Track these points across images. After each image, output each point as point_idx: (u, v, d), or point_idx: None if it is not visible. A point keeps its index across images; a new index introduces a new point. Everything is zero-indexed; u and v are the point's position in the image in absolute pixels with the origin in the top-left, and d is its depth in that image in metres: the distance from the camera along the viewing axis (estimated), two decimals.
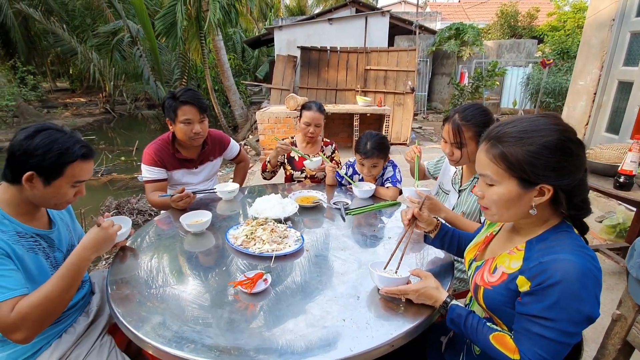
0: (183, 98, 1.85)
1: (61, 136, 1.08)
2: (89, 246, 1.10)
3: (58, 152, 1.05)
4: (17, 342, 0.98)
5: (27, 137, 1.04)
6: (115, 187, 5.63)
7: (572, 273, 0.77)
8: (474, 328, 0.93)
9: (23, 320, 0.96)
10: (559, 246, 0.83)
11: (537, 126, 0.84)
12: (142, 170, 1.96)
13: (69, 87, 18.48)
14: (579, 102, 4.11)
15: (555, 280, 0.78)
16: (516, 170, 0.84)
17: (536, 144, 0.82)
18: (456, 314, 0.97)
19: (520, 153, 0.83)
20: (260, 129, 6.25)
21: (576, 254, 0.80)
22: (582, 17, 12.08)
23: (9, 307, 0.95)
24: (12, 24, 12.03)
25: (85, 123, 11.56)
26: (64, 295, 1.04)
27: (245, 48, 16.54)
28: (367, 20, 8.50)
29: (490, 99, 9.84)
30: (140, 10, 8.90)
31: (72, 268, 1.06)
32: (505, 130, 0.87)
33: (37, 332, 1.01)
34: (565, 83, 7.94)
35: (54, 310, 1.03)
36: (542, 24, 13.94)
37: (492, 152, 0.87)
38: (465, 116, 1.48)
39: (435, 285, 1.03)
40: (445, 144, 1.56)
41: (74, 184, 1.12)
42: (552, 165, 0.81)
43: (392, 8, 11.91)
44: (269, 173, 2.44)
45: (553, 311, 0.78)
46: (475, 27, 9.85)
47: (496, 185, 0.89)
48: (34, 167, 1.04)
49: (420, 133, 8.41)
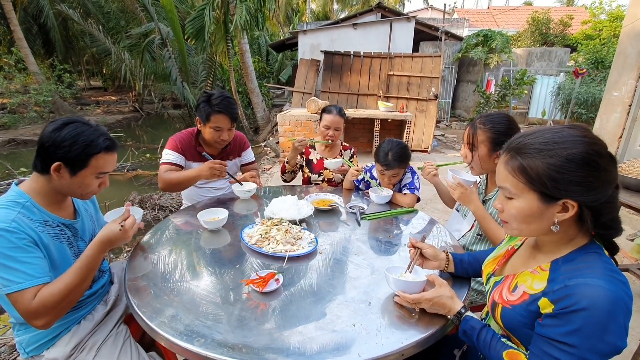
0: (218, 107, 1.87)
1: (87, 129, 1.13)
2: (105, 241, 1.13)
3: (83, 144, 1.10)
4: (38, 327, 1.03)
5: (55, 130, 1.10)
6: (140, 183, 5.81)
7: (601, 301, 0.72)
8: (487, 343, 0.89)
9: (44, 308, 1.01)
10: (588, 269, 0.78)
11: (561, 138, 0.79)
12: (163, 154, 2.01)
13: (101, 85, 19.36)
14: (613, 113, 3.93)
15: (581, 307, 0.73)
16: (536, 184, 0.80)
17: (558, 157, 0.77)
18: (469, 326, 0.94)
19: (541, 166, 0.78)
20: (280, 131, 6.31)
21: (607, 280, 0.74)
22: (618, 25, 11.59)
23: (32, 294, 1.00)
24: (52, 24, 12.77)
25: (114, 120, 12.06)
26: (81, 285, 1.09)
27: (269, 51, 16.83)
28: (391, 25, 8.46)
29: (517, 108, 9.57)
30: (171, 13, 9.23)
31: (90, 260, 1.10)
32: (526, 142, 0.83)
33: (56, 319, 1.06)
34: (598, 94, 7.62)
35: (72, 299, 1.08)
36: (575, 32, 13.45)
37: (511, 164, 0.84)
38: (485, 120, 1.46)
39: (450, 295, 1.01)
40: (463, 145, 1.56)
41: (97, 174, 1.17)
42: (577, 180, 0.76)
43: (418, 14, 11.81)
44: (289, 174, 2.45)
45: (575, 337, 0.73)
46: (504, 34, 9.61)
47: (515, 199, 0.85)
48: (61, 157, 1.09)
49: (443, 141, 8.26)
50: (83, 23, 10.70)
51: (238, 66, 10.43)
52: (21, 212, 1.07)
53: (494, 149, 1.42)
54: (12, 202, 1.08)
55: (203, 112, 1.90)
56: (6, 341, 2.09)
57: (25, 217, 1.07)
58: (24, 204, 1.10)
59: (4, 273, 0.99)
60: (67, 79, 11.52)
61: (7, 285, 0.99)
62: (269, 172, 5.82)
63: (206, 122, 1.91)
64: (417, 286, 1.06)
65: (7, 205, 1.07)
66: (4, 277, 0.99)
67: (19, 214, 1.06)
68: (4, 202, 1.08)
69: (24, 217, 1.07)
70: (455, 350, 1.18)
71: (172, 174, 1.92)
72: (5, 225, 1.01)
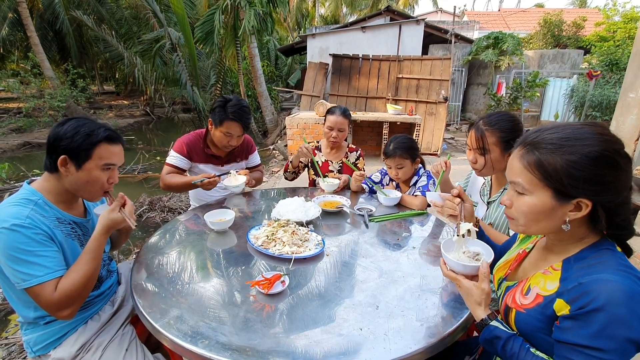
0: (232, 116, 1.90)
1: (87, 122, 1.16)
2: (109, 228, 1.17)
3: (84, 134, 1.12)
4: (63, 318, 1.07)
5: (59, 125, 1.15)
6: (150, 185, 5.87)
7: (618, 296, 0.69)
8: (515, 353, 0.82)
9: (68, 298, 1.04)
10: (601, 265, 0.75)
11: (581, 134, 0.76)
12: (168, 155, 2.06)
13: (114, 90, 19.73)
14: (629, 115, 3.83)
15: (599, 305, 0.70)
16: (552, 181, 0.77)
17: (578, 154, 0.74)
18: (493, 336, 0.87)
19: (559, 162, 0.75)
20: (289, 134, 6.32)
21: (621, 275, 0.72)
22: (633, 27, 11.35)
23: (53, 287, 1.03)
24: (67, 30, 13.08)
25: (126, 124, 12.25)
26: (95, 273, 1.13)
27: (278, 56, 16.93)
28: (400, 28, 8.43)
29: (529, 110, 9.41)
30: (182, 19, 9.37)
31: (99, 247, 1.14)
32: (545, 137, 0.80)
33: (78, 308, 1.10)
34: (613, 96, 7.45)
35: (90, 287, 1.12)
36: (589, 34, 13.21)
37: (527, 159, 0.81)
38: (490, 122, 1.42)
39: (479, 300, 0.92)
40: (469, 151, 1.50)
41: (103, 166, 1.17)
42: (595, 178, 0.74)
43: (427, 17, 11.75)
44: (290, 173, 2.44)
45: (600, 340, 0.69)
46: (515, 36, 9.48)
47: (527, 195, 0.82)
48: (65, 149, 1.11)
49: (452, 144, 8.16)
50: (97, 29, 10.95)
51: (247, 70, 10.50)
52: (34, 209, 1.09)
53: (505, 149, 1.39)
54: (25, 199, 1.10)
55: (217, 116, 1.93)
56: (16, 340, 2.11)
57: (38, 214, 1.09)
58: (36, 201, 1.12)
59: (23, 267, 1.01)
60: (81, 84, 11.76)
61: (26, 279, 1.01)
62: (277, 175, 5.82)
63: (219, 125, 1.94)
64: (466, 269, 0.99)
65: (19, 202, 1.09)
66: (23, 272, 1.01)
67: (32, 210, 1.08)
68: (16, 200, 1.10)
69: (37, 214, 1.09)
70: (467, 357, 1.14)
71: (173, 178, 1.98)
72: (20, 222, 1.03)
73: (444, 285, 1.19)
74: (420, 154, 2.05)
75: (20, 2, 9.64)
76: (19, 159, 7.69)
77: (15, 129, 9.96)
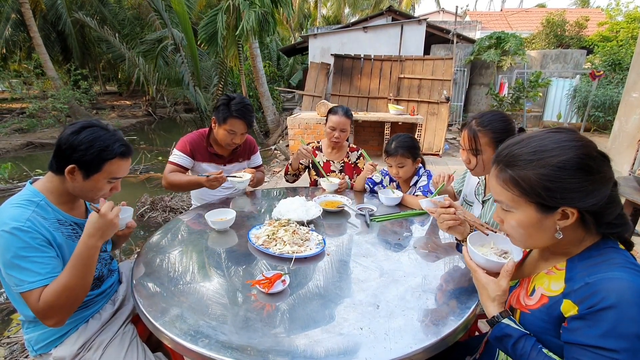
0: (236, 113, 1.91)
1: (104, 134, 1.14)
2: (92, 233, 1.08)
3: (99, 149, 1.11)
4: (51, 326, 1.04)
5: (73, 133, 1.11)
6: (152, 185, 5.89)
7: (628, 294, 0.68)
8: (526, 353, 0.80)
9: (50, 308, 1.01)
10: (606, 264, 0.74)
11: (549, 145, 0.76)
12: (172, 153, 2.07)
13: (117, 90, 19.81)
14: (632, 115, 3.81)
15: (609, 303, 0.68)
16: (532, 196, 0.77)
17: (548, 166, 0.74)
18: (504, 334, 0.85)
19: (532, 177, 0.75)
20: (290, 134, 6.33)
21: (629, 272, 0.71)
22: (636, 27, 11.31)
23: (38, 295, 1.01)
24: (70, 31, 13.15)
25: (128, 124, 12.29)
26: (80, 282, 1.05)
27: (280, 56, 16.96)
28: (402, 28, 8.41)
29: (531, 111, 9.38)
30: (184, 19, 9.39)
31: (82, 256, 1.06)
32: (514, 152, 0.80)
33: (67, 316, 1.06)
34: (616, 96, 7.42)
35: (76, 296, 1.06)
36: (592, 33, 13.16)
37: (502, 178, 0.81)
38: (482, 122, 1.41)
39: (493, 296, 0.90)
40: (462, 151, 1.50)
41: (110, 179, 1.18)
42: (572, 186, 0.73)
43: (429, 17, 11.72)
44: (290, 176, 2.44)
45: (611, 340, 0.68)
46: (517, 36, 9.45)
47: (513, 212, 0.82)
48: (76, 160, 1.10)
49: (455, 144, 8.13)
50: (99, 30, 10.98)
51: (249, 70, 10.52)
52: (35, 210, 1.08)
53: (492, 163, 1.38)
54: (27, 200, 1.10)
55: (221, 114, 1.93)
56: (18, 339, 2.12)
57: (39, 215, 1.08)
58: (39, 202, 1.11)
59: (16, 272, 1.00)
60: (84, 85, 11.80)
61: (18, 284, 1.01)
62: (278, 175, 5.82)
63: (222, 123, 1.94)
64: (488, 263, 0.97)
65: (21, 204, 1.08)
66: (16, 277, 1.00)
67: (34, 212, 1.07)
68: (19, 201, 1.09)
69: (38, 216, 1.08)
70: (467, 357, 1.14)
71: (176, 176, 1.98)
72: (19, 225, 1.02)
73: (445, 285, 1.18)
74: (421, 153, 2.05)
75: (23, 2, 9.69)
76: (21, 159, 7.73)
77: (18, 129, 10.01)
